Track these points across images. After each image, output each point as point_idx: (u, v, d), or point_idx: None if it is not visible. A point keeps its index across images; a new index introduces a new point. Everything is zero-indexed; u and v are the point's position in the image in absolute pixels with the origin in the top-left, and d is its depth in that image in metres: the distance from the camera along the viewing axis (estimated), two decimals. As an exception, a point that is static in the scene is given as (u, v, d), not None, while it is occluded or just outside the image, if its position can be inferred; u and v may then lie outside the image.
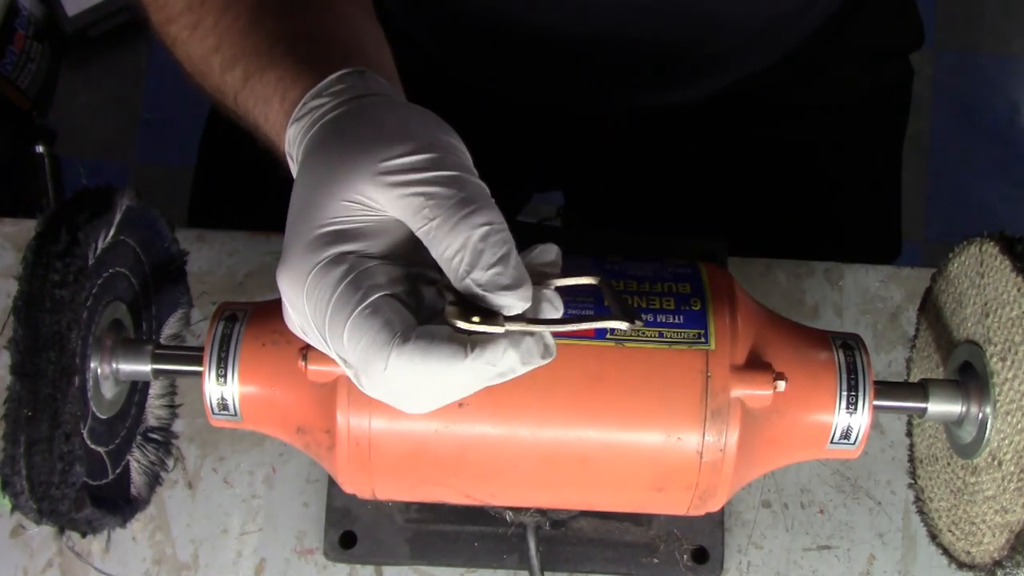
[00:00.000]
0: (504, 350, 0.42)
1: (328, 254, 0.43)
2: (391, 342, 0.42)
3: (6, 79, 1.52)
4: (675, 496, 0.53)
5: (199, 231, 0.76)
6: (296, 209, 0.45)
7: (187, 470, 0.71)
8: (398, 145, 0.44)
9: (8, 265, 0.75)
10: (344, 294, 0.42)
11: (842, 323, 0.75)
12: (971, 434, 0.53)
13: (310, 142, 0.48)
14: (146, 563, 0.70)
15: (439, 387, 0.43)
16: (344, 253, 0.43)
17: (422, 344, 0.42)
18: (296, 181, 0.47)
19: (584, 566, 0.68)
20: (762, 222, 0.86)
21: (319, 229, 0.44)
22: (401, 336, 0.42)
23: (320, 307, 0.43)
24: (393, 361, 0.42)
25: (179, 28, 0.57)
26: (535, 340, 0.43)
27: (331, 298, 0.42)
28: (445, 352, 0.42)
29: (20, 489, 0.46)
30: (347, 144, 0.45)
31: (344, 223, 0.44)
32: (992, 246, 0.52)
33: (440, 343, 0.42)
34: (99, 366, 0.51)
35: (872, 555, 0.70)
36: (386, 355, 0.42)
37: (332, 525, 0.68)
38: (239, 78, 0.53)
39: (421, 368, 0.42)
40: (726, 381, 0.51)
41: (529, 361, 0.43)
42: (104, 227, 0.49)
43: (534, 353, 0.43)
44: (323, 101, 0.48)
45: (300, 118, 0.49)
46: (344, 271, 0.43)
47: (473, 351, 0.42)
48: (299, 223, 0.45)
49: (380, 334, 0.42)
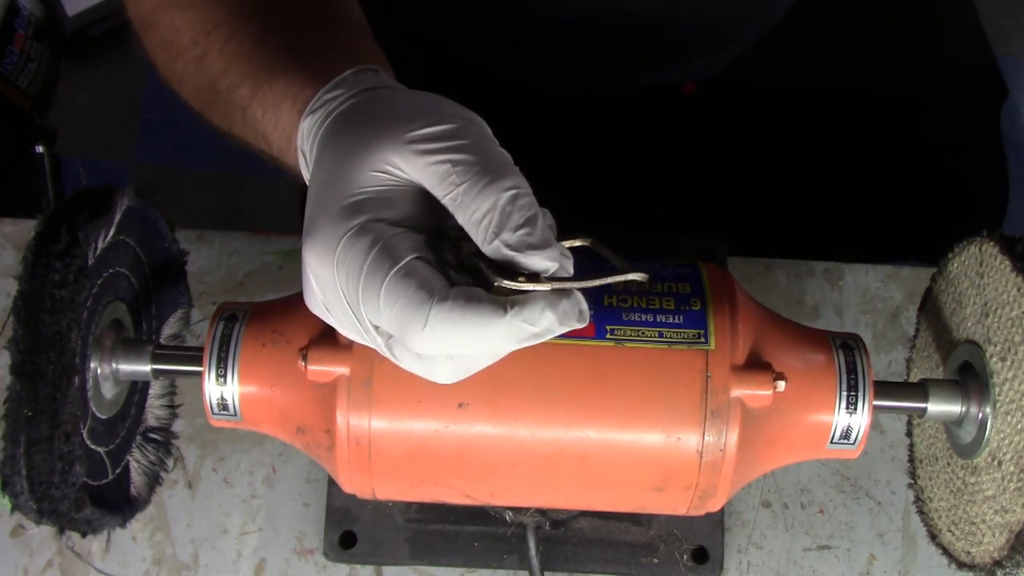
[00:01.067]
0: (542, 309, 0.42)
1: (358, 221, 0.43)
2: (430, 300, 0.42)
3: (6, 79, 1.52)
4: (675, 496, 0.53)
5: (199, 231, 0.76)
6: (320, 184, 0.46)
7: (187, 470, 0.71)
8: (423, 118, 0.44)
9: (8, 265, 0.75)
10: (378, 258, 0.43)
11: (842, 323, 0.75)
12: (971, 434, 0.53)
13: (329, 128, 0.48)
14: (146, 563, 0.70)
15: (476, 348, 0.43)
16: (374, 220, 0.44)
17: (461, 302, 0.42)
18: (317, 162, 0.48)
19: (584, 566, 0.68)
20: (762, 222, 0.86)
21: (347, 199, 0.44)
22: (439, 295, 0.42)
23: (353, 273, 0.43)
24: (432, 319, 0.42)
25: (185, 63, 0.58)
26: (571, 301, 0.43)
27: (364, 263, 0.43)
28: (485, 310, 0.42)
29: (20, 489, 0.46)
30: (371, 121, 0.46)
31: (372, 192, 0.44)
32: (992, 246, 0.52)
33: (479, 301, 0.42)
34: (99, 366, 0.51)
35: (872, 555, 0.70)
36: (425, 313, 0.42)
37: (332, 525, 0.68)
38: (247, 94, 0.54)
39: (460, 327, 0.42)
40: (726, 381, 0.51)
41: (566, 322, 0.43)
42: (104, 227, 0.49)
43: (571, 314, 0.43)
44: (338, 93, 0.49)
45: (315, 110, 0.50)
46: (375, 236, 0.43)
47: (512, 309, 0.42)
48: (325, 195, 0.45)
49: (418, 293, 0.42)
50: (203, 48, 0.57)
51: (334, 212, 0.44)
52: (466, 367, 0.44)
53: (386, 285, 0.42)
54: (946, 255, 0.57)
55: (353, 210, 0.44)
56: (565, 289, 0.43)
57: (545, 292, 0.43)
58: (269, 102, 0.53)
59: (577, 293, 0.43)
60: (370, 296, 0.43)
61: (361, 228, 0.43)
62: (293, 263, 0.75)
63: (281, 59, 0.54)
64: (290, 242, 0.76)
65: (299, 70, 0.53)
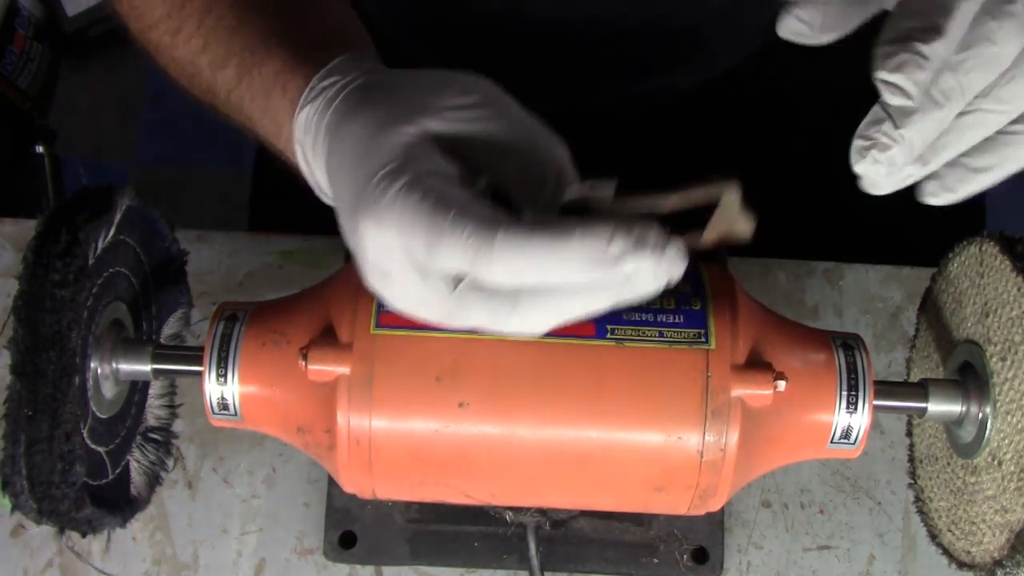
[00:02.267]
0: (612, 230, 0.41)
1: (406, 177, 0.43)
2: (498, 224, 0.41)
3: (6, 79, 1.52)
4: (675, 496, 0.53)
5: (199, 231, 0.76)
6: (352, 160, 0.45)
7: (187, 470, 0.71)
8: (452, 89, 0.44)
9: (8, 265, 0.75)
10: (439, 202, 0.42)
11: (842, 323, 0.75)
12: (971, 434, 0.53)
13: (338, 113, 0.48)
14: (146, 563, 0.70)
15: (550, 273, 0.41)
16: (425, 171, 0.43)
17: (528, 223, 0.41)
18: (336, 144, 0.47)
19: (584, 566, 0.68)
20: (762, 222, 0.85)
21: (389, 165, 0.43)
22: (507, 220, 0.41)
23: (419, 221, 0.42)
24: (501, 241, 0.41)
25: (160, 34, 0.57)
26: (642, 226, 0.41)
27: (425, 209, 0.42)
28: (554, 228, 0.41)
29: (20, 489, 0.46)
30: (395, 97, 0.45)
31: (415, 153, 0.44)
32: (992, 246, 0.52)
33: (548, 222, 0.41)
34: (99, 366, 0.51)
35: (872, 555, 0.70)
36: (494, 234, 0.41)
37: (332, 525, 0.68)
38: (231, 76, 0.53)
39: (530, 247, 0.41)
40: (726, 381, 0.51)
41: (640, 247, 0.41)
42: (104, 227, 0.49)
43: (647, 240, 0.41)
44: (335, 80, 0.49)
45: (312, 100, 0.49)
46: (429, 186, 0.42)
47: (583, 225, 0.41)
48: (364, 167, 0.44)
49: (483, 220, 0.41)
50: (178, 22, 0.55)
51: (379, 178, 0.43)
52: (554, 310, 0.43)
53: (451, 220, 0.41)
54: (946, 255, 0.57)
55: (398, 171, 0.43)
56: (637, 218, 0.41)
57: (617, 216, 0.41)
58: (258, 89, 0.52)
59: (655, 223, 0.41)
60: (434, 237, 0.42)
61: (412, 182, 0.42)
62: (293, 263, 0.75)
63: (268, 40, 0.53)
64: (290, 242, 0.76)
65: (288, 55, 0.51)
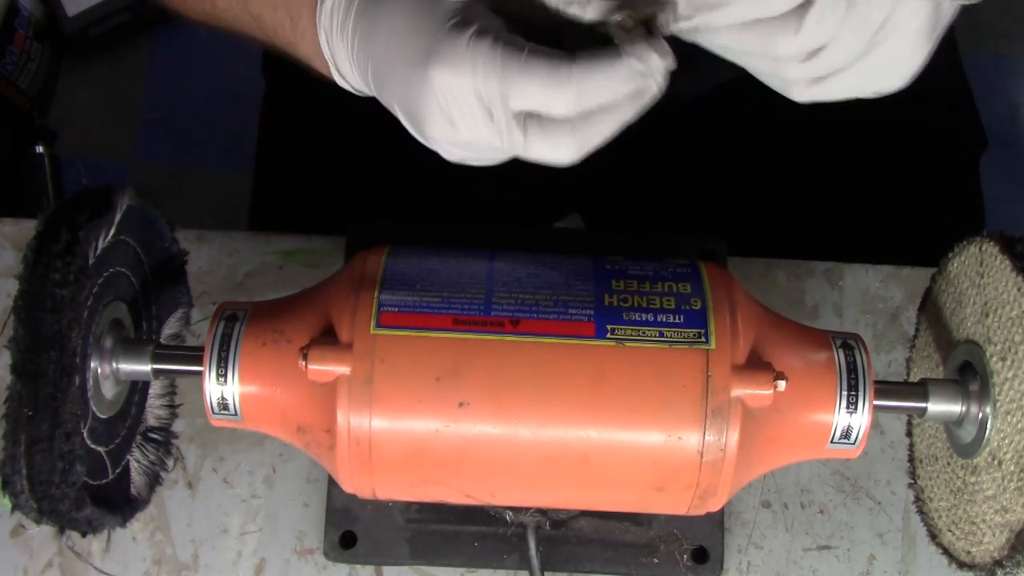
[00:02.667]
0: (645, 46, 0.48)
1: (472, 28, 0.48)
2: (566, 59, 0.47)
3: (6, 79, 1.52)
4: (675, 496, 0.53)
5: (199, 231, 0.76)
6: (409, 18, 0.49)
7: (187, 470, 0.71)
8: None
9: (8, 265, 0.75)
10: (508, 45, 0.48)
11: (842, 323, 0.75)
12: (971, 434, 0.53)
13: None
14: (146, 563, 0.70)
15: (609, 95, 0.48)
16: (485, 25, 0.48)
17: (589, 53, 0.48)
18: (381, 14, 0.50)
19: (584, 566, 0.68)
20: (762, 222, 0.86)
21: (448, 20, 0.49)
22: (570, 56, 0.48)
23: (492, 63, 0.47)
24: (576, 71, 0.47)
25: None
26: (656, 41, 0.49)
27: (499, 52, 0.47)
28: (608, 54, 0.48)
29: (20, 488, 0.46)
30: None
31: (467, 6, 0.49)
32: (992, 246, 0.52)
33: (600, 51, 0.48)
34: (99, 366, 0.51)
35: (872, 555, 0.70)
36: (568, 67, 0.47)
37: (332, 525, 0.68)
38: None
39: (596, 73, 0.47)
40: (726, 380, 0.51)
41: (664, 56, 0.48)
42: (104, 226, 0.49)
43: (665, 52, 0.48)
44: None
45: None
46: (496, 33, 0.48)
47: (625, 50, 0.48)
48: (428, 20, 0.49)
49: (553, 58, 0.48)
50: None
51: (444, 32, 0.48)
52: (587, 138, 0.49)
53: (524, 60, 0.47)
54: (946, 255, 0.57)
55: (463, 23, 0.48)
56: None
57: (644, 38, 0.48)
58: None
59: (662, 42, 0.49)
60: (513, 74, 0.47)
61: (481, 30, 0.48)
62: (293, 263, 0.75)
63: None
64: (290, 242, 0.76)
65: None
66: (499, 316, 0.52)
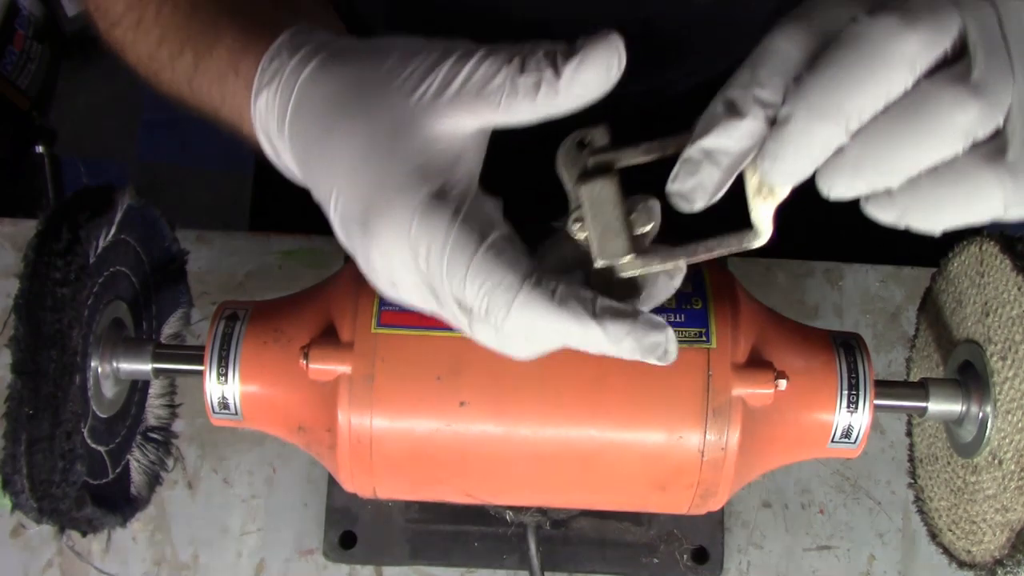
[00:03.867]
0: (628, 334, 0.41)
1: (430, 188, 0.41)
2: (519, 284, 0.41)
3: (6, 79, 1.52)
4: (676, 495, 0.53)
5: (199, 231, 0.76)
6: (364, 153, 0.43)
7: (187, 470, 0.71)
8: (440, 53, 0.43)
9: (8, 265, 0.75)
10: (462, 232, 0.41)
11: (842, 323, 0.75)
12: (971, 433, 0.53)
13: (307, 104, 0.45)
14: (146, 563, 0.70)
15: (555, 337, 0.42)
16: (445, 186, 0.42)
17: (550, 291, 0.41)
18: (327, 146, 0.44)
19: (584, 566, 0.68)
20: None
21: (408, 164, 0.42)
22: (530, 279, 0.41)
23: (436, 249, 0.41)
24: (518, 304, 0.41)
25: (124, 30, 0.56)
26: (659, 337, 0.42)
27: (447, 238, 0.41)
28: (572, 307, 0.41)
29: (21, 488, 0.46)
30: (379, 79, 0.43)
31: (431, 154, 0.42)
32: (992, 245, 0.52)
33: (568, 294, 0.41)
34: (100, 365, 0.51)
35: (872, 555, 0.70)
36: (512, 296, 0.41)
37: (332, 525, 0.68)
38: (189, 64, 0.52)
39: (546, 318, 0.41)
40: (727, 380, 0.51)
41: (647, 356, 0.42)
42: (105, 226, 0.49)
43: (653, 351, 0.42)
44: (285, 59, 0.46)
45: (267, 85, 0.46)
46: (455, 207, 0.41)
47: (600, 316, 0.41)
48: (381, 164, 0.42)
49: (508, 275, 0.41)
50: (138, 13, 0.55)
51: (398, 182, 0.41)
52: (544, 348, 0.43)
53: (473, 263, 0.41)
54: (946, 255, 0.57)
55: (419, 176, 0.42)
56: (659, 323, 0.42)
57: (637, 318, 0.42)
58: (212, 74, 0.50)
59: (669, 331, 0.42)
60: (455, 273, 0.41)
61: (436, 196, 0.41)
62: (293, 263, 0.75)
63: (219, 22, 0.51)
64: (290, 242, 0.76)
65: (239, 33, 0.49)
66: None
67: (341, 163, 0.44)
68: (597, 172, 0.43)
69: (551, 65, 0.41)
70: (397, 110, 0.43)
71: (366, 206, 0.42)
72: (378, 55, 0.44)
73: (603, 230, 0.42)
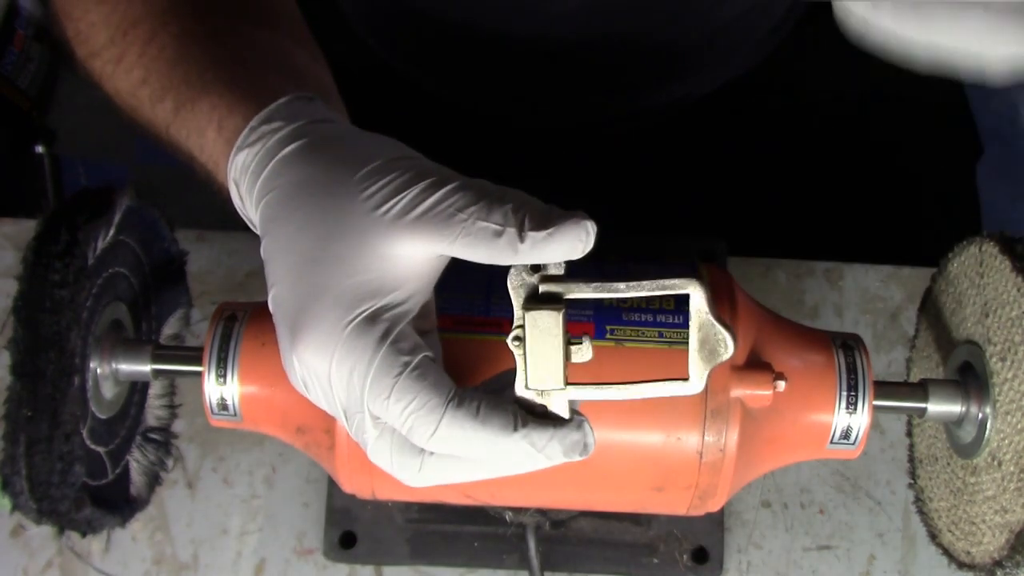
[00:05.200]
0: (550, 438, 0.43)
1: (362, 311, 0.42)
2: (443, 405, 0.42)
3: (6, 79, 1.52)
4: (675, 496, 0.53)
5: (199, 231, 0.76)
6: (301, 259, 0.43)
7: (187, 470, 0.71)
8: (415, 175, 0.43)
9: (8, 265, 0.75)
10: (388, 354, 0.42)
11: (842, 323, 0.75)
12: (971, 434, 0.53)
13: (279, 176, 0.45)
14: (146, 563, 0.70)
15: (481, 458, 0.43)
16: (377, 309, 0.42)
17: (474, 409, 0.42)
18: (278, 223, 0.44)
19: (584, 566, 0.68)
20: (762, 222, 0.86)
21: (350, 279, 0.42)
22: (453, 399, 0.42)
23: (360, 368, 0.42)
24: (445, 422, 0.42)
25: (103, 63, 0.55)
26: (580, 434, 0.43)
27: (372, 359, 0.42)
28: (496, 422, 0.42)
29: (20, 489, 0.46)
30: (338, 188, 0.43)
31: (375, 273, 0.42)
32: (992, 246, 0.52)
33: (491, 411, 0.42)
34: (99, 366, 0.51)
35: (872, 555, 0.70)
36: (438, 417, 0.42)
37: (332, 525, 0.68)
38: (169, 110, 0.52)
39: (470, 435, 0.42)
40: (726, 381, 0.51)
41: (570, 455, 0.43)
42: (104, 227, 0.49)
43: (576, 448, 0.43)
44: (276, 126, 0.46)
45: (251, 144, 0.46)
46: (383, 331, 0.42)
47: (524, 427, 0.42)
48: (314, 276, 0.43)
49: (432, 395, 0.42)
50: (120, 49, 0.54)
51: (330, 301, 0.42)
52: (458, 474, 0.44)
53: (397, 386, 0.42)
54: (946, 255, 0.57)
55: (352, 298, 0.42)
56: (577, 420, 0.44)
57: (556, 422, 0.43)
58: (192, 126, 0.50)
59: (586, 426, 0.44)
60: (378, 395, 0.42)
61: (366, 319, 0.42)
62: (293, 263, 0.75)
63: (205, 74, 0.50)
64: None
65: (225, 90, 0.49)
66: (499, 317, 0.52)
67: (287, 255, 0.44)
68: (546, 301, 0.43)
69: (517, 226, 0.41)
70: (355, 220, 0.42)
71: (298, 311, 0.43)
72: (359, 158, 0.44)
73: (540, 358, 0.43)
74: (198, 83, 0.50)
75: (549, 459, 0.43)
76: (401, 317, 0.43)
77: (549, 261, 0.42)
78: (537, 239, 0.41)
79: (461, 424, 0.42)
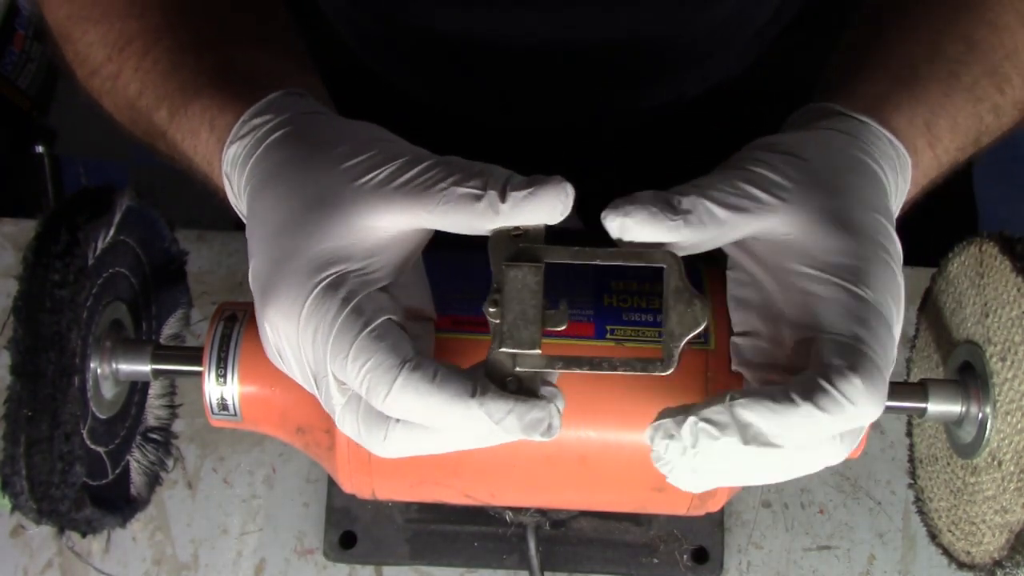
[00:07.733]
0: (508, 412, 0.42)
1: (328, 274, 0.43)
2: (399, 365, 0.42)
3: (6, 79, 1.52)
4: (675, 496, 0.53)
5: (199, 231, 0.76)
6: (274, 230, 0.44)
7: (187, 470, 0.71)
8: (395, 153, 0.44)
9: (8, 265, 0.75)
10: (350, 316, 0.42)
11: (842, 323, 0.75)
12: (971, 434, 0.53)
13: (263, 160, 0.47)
14: (146, 563, 0.70)
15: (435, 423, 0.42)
16: (344, 273, 0.43)
17: (430, 372, 0.42)
18: (258, 201, 0.46)
19: (584, 566, 0.68)
20: None
21: (312, 249, 0.43)
22: (410, 361, 0.42)
23: (322, 331, 0.42)
24: (399, 383, 0.41)
25: (102, 80, 0.56)
26: (542, 413, 0.42)
27: (335, 320, 0.42)
28: (453, 386, 0.41)
29: (20, 489, 0.46)
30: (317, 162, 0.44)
31: (338, 242, 0.43)
32: (992, 246, 0.52)
33: (449, 375, 0.42)
34: (99, 366, 0.51)
35: (872, 555, 0.70)
36: (392, 378, 0.41)
37: (332, 525, 0.68)
38: (165, 118, 0.53)
39: (425, 398, 0.41)
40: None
41: (529, 432, 0.42)
42: (104, 227, 0.49)
43: (537, 427, 0.42)
44: (266, 118, 0.48)
45: (242, 136, 0.48)
46: (347, 293, 0.42)
47: (481, 395, 0.41)
48: (285, 244, 0.44)
49: (388, 356, 0.42)
50: (117, 65, 0.56)
51: (300, 264, 0.43)
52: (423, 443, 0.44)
53: (355, 344, 0.42)
54: (946, 255, 0.57)
55: (321, 262, 0.43)
56: (542, 399, 0.42)
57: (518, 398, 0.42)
58: (186, 128, 0.52)
59: (552, 406, 0.42)
60: (338, 354, 0.42)
61: (332, 283, 0.43)
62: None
63: (198, 80, 0.52)
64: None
65: (216, 92, 0.51)
66: None
67: (264, 227, 0.45)
68: (525, 258, 0.43)
69: (499, 189, 0.42)
70: (334, 190, 0.43)
71: (268, 277, 0.44)
72: (342, 138, 0.45)
73: (517, 317, 0.43)
74: (191, 88, 0.52)
75: (508, 433, 0.42)
76: (368, 284, 0.43)
77: (529, 223, 0.43)
78: (518, 198, 0.42)
79: (416, 387, 0.41)
